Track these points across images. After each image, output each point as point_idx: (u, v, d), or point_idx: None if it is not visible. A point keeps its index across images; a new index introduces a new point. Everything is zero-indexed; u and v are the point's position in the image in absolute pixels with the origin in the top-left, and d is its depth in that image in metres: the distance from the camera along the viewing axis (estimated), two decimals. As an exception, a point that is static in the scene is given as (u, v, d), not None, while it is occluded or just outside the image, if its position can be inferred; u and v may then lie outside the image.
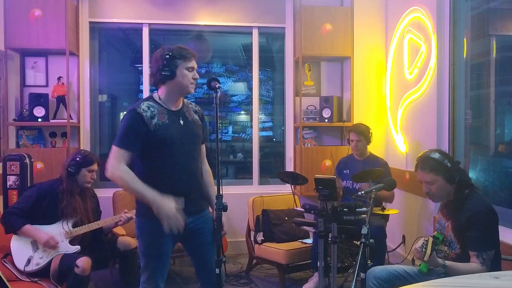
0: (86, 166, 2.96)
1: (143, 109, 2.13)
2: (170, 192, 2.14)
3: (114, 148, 2.09)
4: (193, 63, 2.19)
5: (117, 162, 2.06)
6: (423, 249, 2.08)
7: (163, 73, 2.13)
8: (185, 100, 2.33)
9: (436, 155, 2.29)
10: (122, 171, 2.06)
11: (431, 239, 2.11)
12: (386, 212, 3.24)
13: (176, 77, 2.14)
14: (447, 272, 2.09)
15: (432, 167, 2.26)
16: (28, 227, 2.78)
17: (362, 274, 2.19)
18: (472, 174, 3.26)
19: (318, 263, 2.69)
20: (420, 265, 2.15)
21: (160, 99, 2.20)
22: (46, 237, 2.77)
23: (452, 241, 2.25)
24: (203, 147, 2.40)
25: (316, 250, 2.94)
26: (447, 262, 2.11)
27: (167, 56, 2.12)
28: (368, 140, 3.67)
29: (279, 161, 4.97)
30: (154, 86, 2.25)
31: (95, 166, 3.02)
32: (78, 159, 2.95)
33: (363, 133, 3.64)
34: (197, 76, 2.21)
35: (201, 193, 2.29)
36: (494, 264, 2.14)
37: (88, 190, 3.09)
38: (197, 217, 2.25)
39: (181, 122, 2.22)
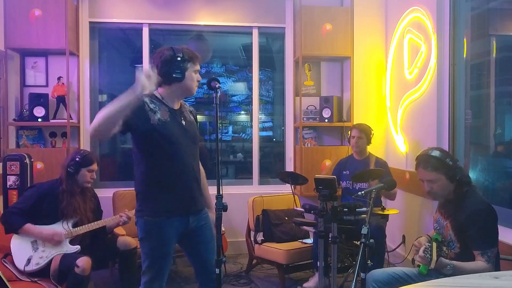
0: (86, 166, 2.96)
1: (145, 101, 2.09)
2: (175, 192, 2.14)
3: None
4: (198, 66, 2.22)
5: None
6: (428, 255, 2.07)
7: (174, 75, 2.11)
8: (181, 100, 2.33)
9: (437, 153, 2.26)
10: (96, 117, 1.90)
11: (434, 244, 2.10)
12: (386, 212, 3.24)
13: (185, 80, 2.15)
14: (454, 272, 2.06)
15: (434, 166, 2.23)
16: (29, 226, 2.78)
17: (362, 274, 2.19)
18: (472, 174, 3.25)
19: (318, 263, 2.69)
20: (419, 266, 2.15)
21: (162, 97, 2.19)
22: (50, 233, 2.77)
23: (452, 240, 2.24)
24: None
25: (317, 250, 2.94)
26: (454, 262, 2.09)
27: (179, 58, 2.11)
28: (368, 139, 3.71)
29: (279, 161, 4.96)
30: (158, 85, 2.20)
31: (94, 166, 3.02)
32: (77, 159, 2.95)
33: (365, 131, 3.70)
34: (200, 78, 2.23)
35: (201, 192, 2.30)
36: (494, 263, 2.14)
37: (88, 190, 3.09)
38: (199, 216, 2.26)
39: (183, 122, 2.23)
